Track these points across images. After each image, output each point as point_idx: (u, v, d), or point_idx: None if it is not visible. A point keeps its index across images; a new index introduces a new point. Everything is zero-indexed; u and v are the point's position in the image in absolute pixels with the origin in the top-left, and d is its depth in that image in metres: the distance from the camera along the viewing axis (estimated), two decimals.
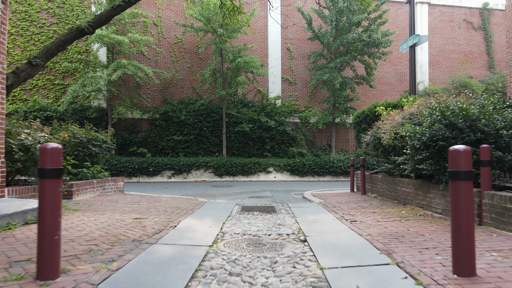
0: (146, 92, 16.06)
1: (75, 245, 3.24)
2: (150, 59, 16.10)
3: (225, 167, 14.56)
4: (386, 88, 18.08)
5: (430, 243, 3.32)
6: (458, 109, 4.44)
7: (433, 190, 5.08)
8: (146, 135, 15.56)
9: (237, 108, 16.13)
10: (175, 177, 14.41)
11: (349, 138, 17.52)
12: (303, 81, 17.40)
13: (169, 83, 16.25)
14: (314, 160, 15.32)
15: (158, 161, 14.22)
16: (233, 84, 14.62)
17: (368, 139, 7.62)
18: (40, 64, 7.27)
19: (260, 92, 16.96)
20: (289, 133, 16.14)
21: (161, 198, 7.52)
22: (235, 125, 15.85)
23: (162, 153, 15.54)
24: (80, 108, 14.97)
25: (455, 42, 18.72)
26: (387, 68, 18.03)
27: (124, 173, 13.87)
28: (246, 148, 16.07)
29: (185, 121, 15.43)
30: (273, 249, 3.54)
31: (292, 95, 17.28)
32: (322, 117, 15.80)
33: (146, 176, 14.21)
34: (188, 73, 16.47)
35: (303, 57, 17.39)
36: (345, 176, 15.43)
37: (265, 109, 16.51)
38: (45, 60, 7.47)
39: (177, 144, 15.50)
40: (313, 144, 17.12)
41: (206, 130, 15.64)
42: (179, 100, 16.26)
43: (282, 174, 15.13)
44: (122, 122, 15.49)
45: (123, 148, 15.24)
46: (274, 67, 17.05)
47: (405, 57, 18.28)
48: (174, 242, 3.63)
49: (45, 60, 7.47)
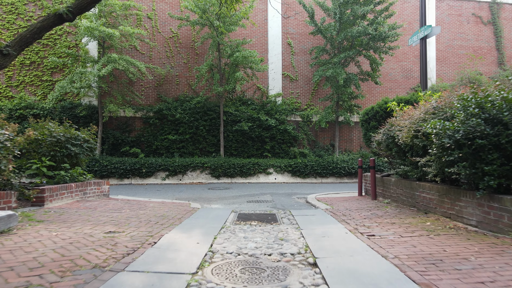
0: (140, 89, 15.26)
1: (10, 277, 2.43)
2: (144, 55, 15.29)
3: (223, 168, 13.76)
4: (391, 85, 17.28)
5: (483, 274, 2.51)
6: (500, 99, 3.63)
7: (464, 197, 4.27)
8: (139, 135, 14.75)
9: (235, 106, 15.32)
10: (169, 179, 13.61)
11: (353, 138, 16.71)
12: (305, 77, 16.60)
13: (163, 80, 15.45)
14: (317, 161, 14.51)
15: (151, 162, 13.41)
16: (231, 81, 13.81)
17: (379, 137, 6.82)
18: (13, 54, 6.44)
19: (260, 89, 16.16)
20: (290, 132, 15.34)
21: (147, 204, 6.71)
22: (233, 123, 15.05)
23: (156, 153, 14.73)
24: (69, 105, 14.16)
25: (464, 37, 17.91)
26: (392, 64, 17.22)
27: (115, 174, 13.06)
28: (245, 148, 15.28)
29: (181, 120, 14.62)
30: (275, 277, 2.74)
31: (293, 93, 16.48)
32: (325, 116, 14.99)
33: (139, 177, 13.41)
34: (184, 69, 15.66)
35: (305, 52, 16.58)
36: (350, 178, 14.63)
37: (265, 107, 15.72)
38: (19, 49, 6.64)
39: (172, 144, 14.69)
40: (316, 144, 16.32)
41: (203, 129, 14.84)
42: (174, 97, 15.45)
43: (283, 175, 14.33)
44: (114, 120, 14.68)
45: (115, 148, 14.43)
46: (275, 63, 16.25)
47: (412, 52, 17.50)
48: (148, 268, 2.82)
49: (19, 50, 6.64)
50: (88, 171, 12.64)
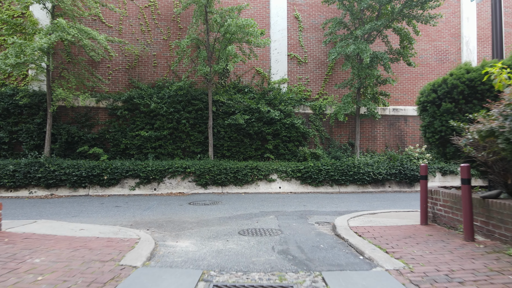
0: (106, 73, 11.92)
1: None
2: (112, 28, 11.95)
3: (211, 174, 10.44)
4: (422, 70, 13.95)
5: None
6: None
7: None
8: (103, 130, 11.41)
9: (228, 94, 12.01)
10: (140, 188, 10.27)
11: (377, 135, 13.38)
12: (316, 60, 13.27)
13: (137, 61, 12.11)
14: (333, 164, 11.20)
15: (116, 166, 10.09)
16: (222, 59, 10.48)
17: (491, 126, 3.51)
18: None
19: (260, 73, 12.83)
20: (298, 127, 12.02)
21: (33, 262, 3.36)
22: (226, 116, 11.74)
23: (125, 155, 11.40)
24: (10, 92, 10.82)
25: (510, 12, 14.59)
26: (424, 45, 13.90)
27: (66, 183, 9.73)
28: (240, 147, 11.95)
29: (157, 111, 11.30)
30: None
31: (301, 78, 13.16)
32: (343, 107, 11.65)
33: (99, 186, 10.06)
34: (164, 48, 12.33)
35: (316, 28, 13.26)
36: (375, 186, 11.34)
37: (266, 96, 12.40)
38: None
39: (146, 142, 11.36)
40: (330, 143, 12.99)
41: (186, 123, 11.50)
42: (151, 83, 12.13)
43: (290, 183, 11.01)
44: (69, 112, 11.33)
45: (70, 147, 11.09)
46: (278, 41, 12.92)
47: (447, 29, 14.18)
48: None
49: None
50: (26, 179, 9.34)
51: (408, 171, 11.50)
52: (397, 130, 13.52)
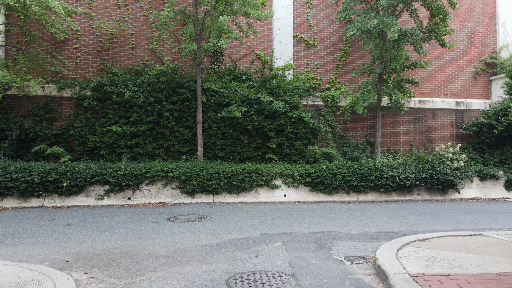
0: (74, 55, 9.79)
1: None
2: (79, 1, 9.82)
3: (200, 180, 8.31)
4: (452, 55, 11.83)
5: None
6: None
7: None
8: (67, 125, 9.27)
9: (222, 82, 9.89)
10: (111, 197, 8.14)
11: (400, 132, 11.26)
12: (328, 42, 11.15)
13: (111, 41, 9.98)
14: (350, 167, 9.11)
15: (79, 170, 7.96)
16: (213, 33, 8.35)
17: None
18: None
19: (260, 57, 10.70)
20: (307, 122, 9.91)
21: None
22: (219, 108, 9.62)
23: (94, 155, 9.27)
24: None
25: None
26: (453, 25, 11.77)
27: (14, 191, 7.60)
28: (236, 146, 9.83)
29: (133, 101, 9.18)
30: None
31: (310, 64, 11.03)
32: (363, 97, 9.52)
33: (58, 196, 7.93)
34: (144, 26, 10.21)
35: (327, 4, 11.15)
36: (401, 194, 9.28)
37: (267, 84, 10.29)
38: None
39: (119, 139, 9.22)
40: (345, 141, 10.87)
41: (169, 117, 9.37)
42: (128, 68, 10.01)
43: (297, 190, 8.90)
44: (24, 102, 9.18)
45: (24, 146, 8.95)
46: (282, 19, 10.80)
47: (480, 9, 12.08)
48: None
49: None
50: None
51: (441, 175, 9.42)
52: (424, 126, 11.40)
